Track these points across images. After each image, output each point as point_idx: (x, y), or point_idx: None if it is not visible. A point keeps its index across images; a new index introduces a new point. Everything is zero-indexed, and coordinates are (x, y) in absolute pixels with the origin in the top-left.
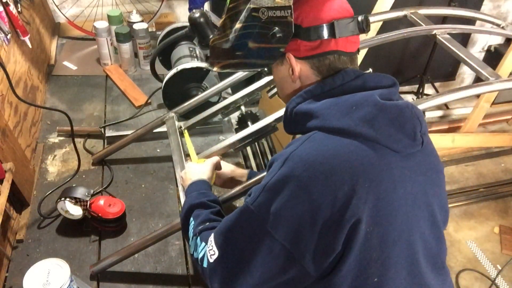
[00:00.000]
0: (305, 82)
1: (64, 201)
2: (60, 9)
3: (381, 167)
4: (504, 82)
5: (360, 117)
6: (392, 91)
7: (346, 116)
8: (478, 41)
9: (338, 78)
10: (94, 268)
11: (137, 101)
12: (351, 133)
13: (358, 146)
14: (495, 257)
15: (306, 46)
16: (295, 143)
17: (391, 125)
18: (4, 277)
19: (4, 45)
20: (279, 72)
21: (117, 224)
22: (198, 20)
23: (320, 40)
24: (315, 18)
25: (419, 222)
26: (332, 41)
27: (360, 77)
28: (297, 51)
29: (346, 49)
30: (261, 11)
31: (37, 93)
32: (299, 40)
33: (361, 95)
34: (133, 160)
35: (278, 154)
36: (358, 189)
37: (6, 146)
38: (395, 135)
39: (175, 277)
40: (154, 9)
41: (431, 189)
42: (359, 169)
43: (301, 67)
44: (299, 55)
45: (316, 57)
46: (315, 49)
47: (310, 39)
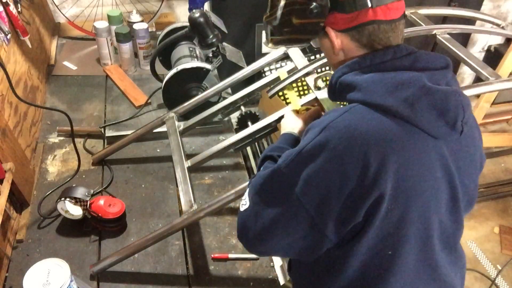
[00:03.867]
0: (348, 54)
1: (64, 201)
2: (60, 9)
3: (413, 150)
4: (504, 82)
5: (403, 98)
6: (443, 74)
7: (390, 95)
8: (478, 41)
9: (388, 53)
10: (94, 268)
11: (137, 101)
12: (392, 112)
13: (396, 125)
14: (495, 257)
15: (343, 19)
16: (334, 112)
17: (432, 110)
18: (4, 277)
19: (4, 45)
20: (324, 45)
21: (117, 224)
22: (198, 20)
23: (357, 11)
24: None
25: (439, 206)
26: (370, 11)
27: (412, 55)
28: (336, 24)
29: (387, 17)
30: None
31: (37, 93)
32: (336, 13)
33: (409, 75)
34: (133, 160)
35: (316, 122)
36: (387, 167)
37: (6, 146)
38: (435, 121)
39: (175, 277)
40: (154, 9)
41: (460, 176)
42: (393, 148)
43: (342, 39)
44: (338, 28)
45: (355, 29)
46: (353, 21)
47: (346, 11)
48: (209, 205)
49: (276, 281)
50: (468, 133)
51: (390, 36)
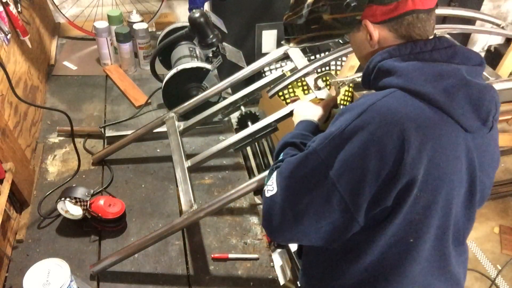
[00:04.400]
0: (384, 45)
1: (64, 201)
2: (60, 9)
3: (447, 139)
4: (504, 82)
5: (443, 87)
6: (478, 70)
7: (430, 83)
8: (478, 41)
9: (430, 43)
10: (94, 268)
11: (137, 101)
12: (430, 100)
13: (433, 113)
14: (495, 257)
15: (382, 10)
16: (371, 97)
17: (469, 103)
18: (4, 277)
19: (4, 45)
20: (356, 38)
21: (117, 224)
22: (198, 20)
23: (396, 2)
24: None
25: (458, 199)
26: (409, 1)
27: (451, 48)
28: (374, 16)
29: (424, 6)
30: None
31: (37, 93)
32: (374, 5)
33: (448, 67)
34: (133, 160)
35: (351, 105)
36: (423, 153)
37: (6, 146)
38: (469, 114)
39: (175, 277)
40: (154, 9)
41: (479, 172)
42: (430, 135)
43: (379, 31)
44: (376, 20)
45: (394, 20)
46: (392, 12)
47: (385, 3)
48: (209, 205)
49: (276, 281)
50: (494, 130)
51: (426, 25)
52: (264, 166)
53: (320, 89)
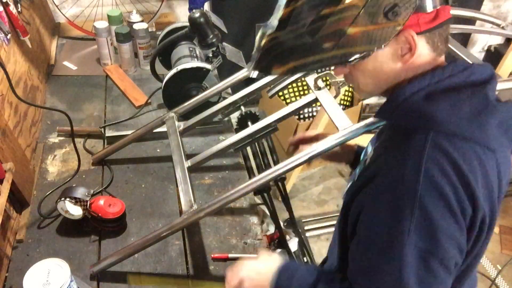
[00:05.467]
0: (416, 61)
1: (64, 201)
2: (60, 9)
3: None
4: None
5: (478, 125)
6: (493, 84)
7: (468, 125)
8: (478, 41)
9: (447, 70)
10: (94, 268)
11: (137, 101)
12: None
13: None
14: (495, 257)
15: (425, 19)
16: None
17: (498, 128)
18: (4, 277)
19: (4, 45)
20: (380, 56)
21: (117, 224)
22: (198, 20)
23: (436, 9)
24: None
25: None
26: (446, 9)
27: (468, 69)
28: (417, 25)
29: (450, 15)
30: None
31: (37, 93)
32: (418, 12)
33: (477, 98)
34: (133, 160)
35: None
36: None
37: (6, 146)
38: (500, 138)
39: (175, 277)
40: (154, 9)
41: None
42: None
43: (419, 43)
44: (419, 30)
45: (434, 30)
46: (433, 21)
47: (428, 10)
48: (209, 205)
49: None
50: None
51: (446, 35)
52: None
53: (320, 89)
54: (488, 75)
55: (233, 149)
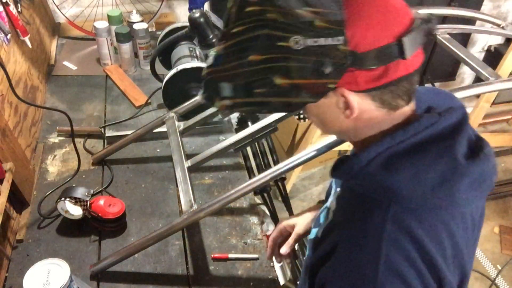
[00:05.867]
0: (362, 116)
1: (64, 201)
2: (60, 9)
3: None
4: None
5: (447, 191)
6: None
7: (433, 194)
8: (478, 41)
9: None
10: (94, 268)
11: (137, 101)
12: (435, 209)
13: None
14: (495, 257)
15: (366, 77)
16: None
17: (470, 187)
18: (4, 277)
19: (4, 45)
20: (321, 107)
21: (117, 224)
22: (198, 20)
23: (385, 65)
24: (375, 37)
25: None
26: (401, 63)
27: (435, 124)
28: (354, 84)
29: (415, 66)
30: (294, 39)
31: (37, 93)
32: (355, 70)
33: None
34: (133, 160)
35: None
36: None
37: (6, 146)
38: (471, 196)
39: (175, 277)
40: (154, 9)
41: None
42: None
43: (359, 101)
44: (357, 89)
45: (381, 88)
46: (379, 79)
47: (371, 67)
48: (209, 205)
49: (276, 281)
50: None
51: (408, 90)
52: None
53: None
54: (457, 120)
55: (233, 149)
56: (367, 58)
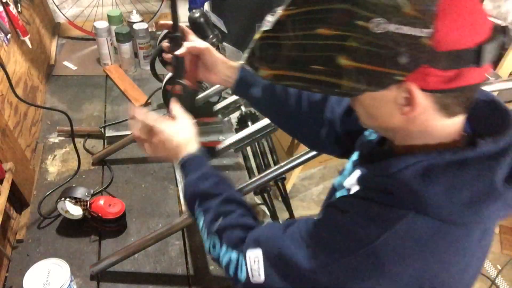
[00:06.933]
0: (419, 117)
1: (64, 201)
2: (60, 9)
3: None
4: (504, 82)
5: (474, 213)
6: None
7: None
8: None
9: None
10: (94, 268)
11: (137, 101)
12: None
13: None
14: (495, 257)
15: (438, 77)
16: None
17: (501, 209)
18: (4, 277)
19: (4, 45)
20: (377, 99)
21: (117, 224)
22: (198, 20)
23: (458, 69)
24: (458, 39)
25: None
26: (475, 71)
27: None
28: (424, 81)
29: (483, 78)
30: (375, 21)
31: (37, 93)
32: (430, 68)
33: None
34: (133, 160)
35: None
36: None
37: (6, 146)
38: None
39: (175, 277)
40: (154, 9)
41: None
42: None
43: (422, 99)
44: (425, 87)
45: (450, 92)
46: (451, 82)
47: (445, 68)
48: None
49: None
50: None
51: (467, 101)
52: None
53: None
54: (503, 146)
55: (233, 149)
56: (444, 58)
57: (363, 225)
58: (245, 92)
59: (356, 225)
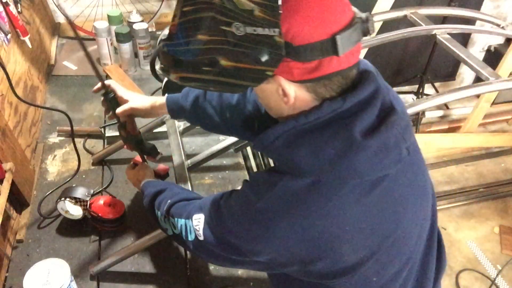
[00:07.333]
0: (300, 106)
1: (64, 201)
2: (60, 9)
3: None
4: (504, 82)
5: (345, 167)
6: (373, 105)
7: (329, 169)
8: (478, 41)
9: (314, 113)
10: (94, 268)
11: None
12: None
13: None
14: (495, 257)
15: (301, 69)
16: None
17: (374, 160)
18: (4, 277)
19: (4, 45)
20: (264, 91)
21: (117, 224)
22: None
23: (318, 60)
24: (310, 33)
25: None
26: (334, 60)
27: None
28: (289, 74)
29: (350, 63)
30: (235, 25)
31: (37, 93)
32: (291, 61)
33: (341, 137)
34: None
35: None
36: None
37: (6, 146)
38: (380, 165)
39: (175, 277)
40: (154, 9)
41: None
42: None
43: (296, 90)
44: (292, 79)
45: (314, 81)
46: (313, 72)
47: (305, 60)
48: None
49: None
50: (413, 152)
51: (343, 84)
52: (264, 166)
53: None
54: (365, 96)
55: (233, 149)
56: (302, 51)
57: (252, 190)
58: (178, 116)
59: (249, 191)
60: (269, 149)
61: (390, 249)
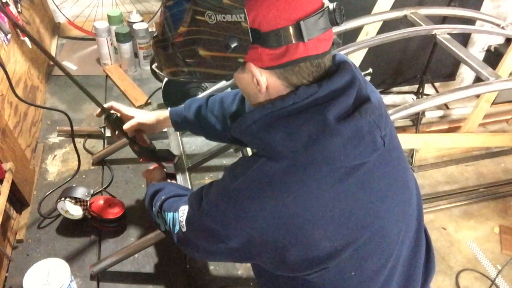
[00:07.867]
0: (273, 93)
1: (64, 201)
2: (60, 9)
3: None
4: (504, 82)
5: (318, 151)
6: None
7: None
8: (478, 41)
9: (290, 97)
10: (94, 268)
11: (137, 101)
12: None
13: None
14: (495, 257)
15: (269, 55)
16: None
17: (348, 146)
18: (4, 277)
19: (4, 45)
20: (242, 80)
21: (117, 224)
22: None
23: (286, 46)
24: (275, 19)
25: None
26: (300, 45)
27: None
28: (259, 60)
29: (318, 51)
30: (207, 14)
31: (37, 93)
32: (259, 47)
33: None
34: (133, 160)
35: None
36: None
37: (6, 146)
38: (354, 151)
39: (175, 277)
40: (154, 9)
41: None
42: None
43: (267, 77)
44: (262, 65)
45: (283, 66)
46: (281, 58)
47: (273, 46)
48: None
49: None
50: (390, 141)
51: (314, 72)
52: None
53: None
54: (341, 85)
55: (233, 149)
56: (269, 37)
57: (230, 173)
58: (182, 127)
59: (227, 174)
60: (247, 133)
61: (368, 243)
